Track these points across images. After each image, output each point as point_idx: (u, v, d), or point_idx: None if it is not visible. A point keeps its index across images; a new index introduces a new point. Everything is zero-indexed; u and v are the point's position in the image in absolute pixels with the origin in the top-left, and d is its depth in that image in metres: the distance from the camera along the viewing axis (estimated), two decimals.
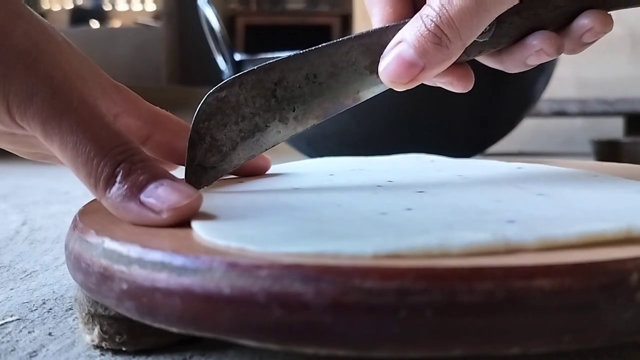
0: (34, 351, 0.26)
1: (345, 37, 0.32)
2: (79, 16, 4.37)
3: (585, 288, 0.19)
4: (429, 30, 0.29)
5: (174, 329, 0.21)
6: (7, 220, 0.58)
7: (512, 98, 0.76)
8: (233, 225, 0.25)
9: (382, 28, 0.32)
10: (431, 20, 0.29)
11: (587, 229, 0.22)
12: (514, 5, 0.30)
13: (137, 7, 4.48)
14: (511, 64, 0.32)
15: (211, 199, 0.30)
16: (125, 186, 0.26)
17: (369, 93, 0.32)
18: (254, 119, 0.32)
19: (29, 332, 0.28)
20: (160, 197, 0.26)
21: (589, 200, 0.29)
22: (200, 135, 0.32)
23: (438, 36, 0.29)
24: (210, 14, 0.79)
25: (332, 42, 0.32)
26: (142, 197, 0.26)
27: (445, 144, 0.73)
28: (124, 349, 0.25)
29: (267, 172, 0.41)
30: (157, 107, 0.35)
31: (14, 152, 0.33)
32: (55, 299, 0.33)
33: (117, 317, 0.25)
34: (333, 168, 0.43)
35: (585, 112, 1.51)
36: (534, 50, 0.31)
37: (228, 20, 3.73)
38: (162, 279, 0.21)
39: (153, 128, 0.34)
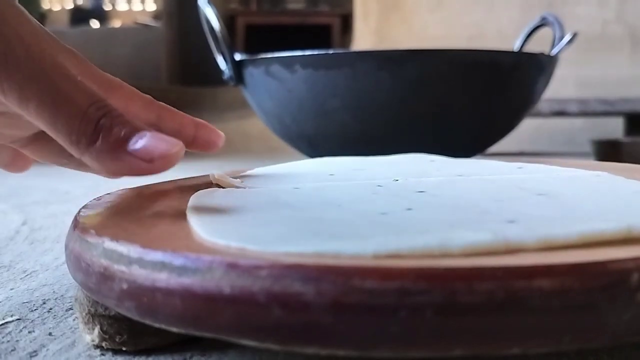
0: (34, 351, 0.26)
1: None
2: (79, 16, 4.38)
3: (585, 288, 0.19)
4: None
5: (174, 329, 0.21)
6: (7, 220, 0.58)
7: (512, 98, 0.76)
8: (233, 225, 0.25)
9: None
10: None
11: (588, 229, 0.22)
12: None
13: (137, 6, 4.49)
14: None
15: (211, 199, 0.30)
16: (111, 139, 0.26)
17: None
18: None
19: (29, 332, 0.28)
20: (149, 146, 0.26)
21: (589, 200, 0.29)
22: None
23: None
24: (210, 14, 0.79)
25: None
26: (130, 147, 0.26)
27: (445, 144, 0.73)
28: (124, 348, 0.25)
29: (267, 172, 0.41)
30: (110, 75, 0.35)
31: None
32: (56, 299, 0.33)
33: (117, 317, 0.25)
34: (333, 168, 0.43)
35: (586, 112, 1.51)
36: None
37: (228, 20, 3.73)
38: (163, 278, 0.21)
39: (107, 93, 0.34)
